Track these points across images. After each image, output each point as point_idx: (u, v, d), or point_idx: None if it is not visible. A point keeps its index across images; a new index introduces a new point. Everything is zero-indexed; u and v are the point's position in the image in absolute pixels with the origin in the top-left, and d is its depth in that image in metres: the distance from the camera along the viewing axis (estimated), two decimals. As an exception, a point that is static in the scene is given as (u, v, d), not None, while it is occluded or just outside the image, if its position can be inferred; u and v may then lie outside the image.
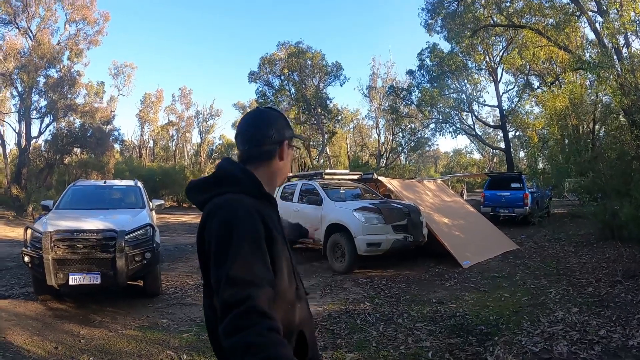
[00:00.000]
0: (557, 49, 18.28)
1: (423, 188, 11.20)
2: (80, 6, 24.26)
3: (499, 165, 42.40)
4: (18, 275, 7.75)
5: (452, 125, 27.15)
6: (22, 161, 23.30)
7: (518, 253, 9.24)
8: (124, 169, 28.48)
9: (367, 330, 4.78)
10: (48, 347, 4.47)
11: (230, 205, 1.22)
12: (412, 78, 28.23)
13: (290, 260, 1.33)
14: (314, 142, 36.52)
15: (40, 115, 24.31)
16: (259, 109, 1.48)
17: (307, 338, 1.32)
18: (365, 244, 7.63)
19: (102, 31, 25.63)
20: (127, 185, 8.39)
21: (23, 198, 20.47)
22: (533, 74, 23.62)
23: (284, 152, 1.41)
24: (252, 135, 1.39)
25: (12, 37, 22.81)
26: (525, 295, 5.92)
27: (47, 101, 24.12)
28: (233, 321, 1.02)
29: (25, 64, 22.23)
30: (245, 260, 1.12)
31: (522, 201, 13.96)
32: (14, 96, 24.86)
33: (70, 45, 24.70)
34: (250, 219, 1.19)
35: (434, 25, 23.70)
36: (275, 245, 1.23)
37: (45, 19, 23.79)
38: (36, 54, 22.38)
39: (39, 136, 25.17)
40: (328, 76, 32.75)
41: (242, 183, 1.29)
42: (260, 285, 1.09)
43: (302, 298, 1.39)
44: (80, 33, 25.09)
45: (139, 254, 5.79)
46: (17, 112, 24.03)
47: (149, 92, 45.31)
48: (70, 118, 25.58)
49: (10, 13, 22.45)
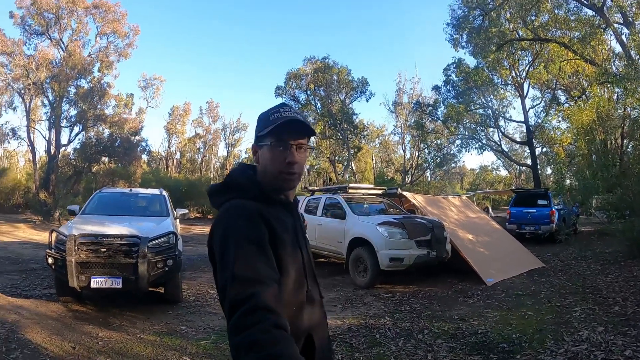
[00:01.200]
0: (583, 62, 17.97)
1: (447, 204, 11.02)
2: (111, 19, 25.02)
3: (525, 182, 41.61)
4: (42, 277, 7.92)
5: (478, 142, 26.78)
6: (50, 168, 23.95)
7: (543, 271, 8.97)
8: (150, 179, 28.91)
9: (386, 345, 4.68)
10: (66, 346, 4.53)
11: (231, 211, 1.25)
12: (438, 93, 28.01)
13: (302, 262, 1.33)
14: (339, 157, 36.43)
15: (70, 124, 25.05)
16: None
17: (316, 343, 1.30)
18: (387, 259, 7.51)
19: (132, 44, 26.35)
20: (152, 194, 8.51)
21: (50, 203, 20.98)
22: (560, 88, 23.17)
23: (257, 155, 1.39)
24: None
25: (44, 48, 23.76)
26: (549, 314, 5.72)
27: (77, 111, 24.87)
28: (239, 319, 1.02)
29: (56, 74, 22.99)
30: (249, 260, 1.13)
31: (549, 218, 13.58)
32: (44, 105, 25.83)
33: (101, 57, 25.43)
34: (250, 222, 1.20)
35: (459, 40, 23.60)
36: (281, 246, 1.24)
37: (77, 31, 24.67)
38: (67, 64, 23.10)
39: (68, 144, 25.93)
40: (354, 91, 32.76)
41: (245, 189, 1.32)
42: (265, 283, 1.09)
43: (314, 301, 1.37)
44: (110, 45, 25.86)
45: (161, 260, 5.83)
46: (48, 121, 24.87)
47: (177, 105, 46.20)
48: (100, 128, 26.24)
49: (43, 25, 23.35)
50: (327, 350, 1.44)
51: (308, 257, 1.40)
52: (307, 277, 1.35)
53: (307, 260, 1.38)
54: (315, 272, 1.46)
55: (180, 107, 45.80)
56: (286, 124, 1.31)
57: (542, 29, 18.85)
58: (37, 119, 27.19)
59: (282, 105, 1.40)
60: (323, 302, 1.46)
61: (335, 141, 34.17)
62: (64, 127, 24.82)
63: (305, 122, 1.36)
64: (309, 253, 1.44)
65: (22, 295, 6.65)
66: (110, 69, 26.04)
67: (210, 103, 47.73)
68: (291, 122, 1.32)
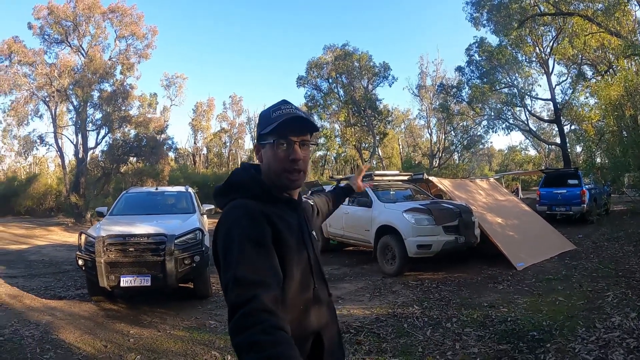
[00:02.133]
0: (608, 35, 17.25)
1: (475, 187, 10.79)
2: (128, 22, 25.31)
3: (555, 162, 40.58)
4: (74, 278, 8.15)
5: (505, 121, 26.25)
6: (80, 171, 24.53)
7: (575, 254, 8.74)
8: (178, 175, 29.30)
9: (414, 334, 4.63)
10: (98, 345, 4.65)
11: (233, 211, 1.25)
12: (461, 74, 27.44)
13: (309, 261, 1.32)
14: (365, 144, 36.18)
15: (96, 127, 25.53)
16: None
17: (325, 343, 1.28)
18: (415, 246, 7.43)
19: (151, 45, 26.56)
20: (178, 191, 8.61)
21: (82, 205, 21.54)
22: (586, 63, 22.33)
23: (260, 154, 1.39)
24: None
25: (65, 55, 24.18)
26: (581, 299, 5.56)
27: (102, 114, 25.31)
28: (239, 320, 1.03)
29: (79, 80, 23.44)
30: (251, 261, 1.13)
31: (579, 198, 13.22)
32: (69, 110, 26.36)
33: (122, 59, 25.78)
34: (253, 222, 1.20)
35: (479, 19, 23.05)
36: (285, 245, 1.23)
37: (96, 37, 25.04)
38: (89, 69, 23.53)
39: (96, 147, 26.43)
40: (376, 77, 32.27)
41: (247, 188, 1.33)
42: (266, 285, 1.09)
43: (322, 301, 1.36)
44: (130, 48, 26.14)
45: (188, 257, 5.91)
46: (74, 125, 25.41)
47: (201, 101, 46.66)
48: (125, 129, 26.62)
49: (62, 33, 23.80)
50: (338, 348, 1.42)
51: (315, 256, 1.38)
52: (314, 277, 1.33)
53: (314, 259, 1.36)
54: (324, 271, 1.44)
55: (204, 103, 46.30)
56: (289, 121, 1.29)
57: (564, 2, 18.20)
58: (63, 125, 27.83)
59: (283, 102, 1.38)
60: (332, 301, 1.45)
61: (360, 128, 33.80)
62: (90, 130, 25.34)
63: (307, 119, 1.34)
64: (316, 252, 1.42)
65: (56, 296, 6.85)
66: (131, 71, 26.35)
67: (234, 97, 48.09)
68: (294, 119, 1.30)
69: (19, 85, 23.28)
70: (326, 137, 34.67)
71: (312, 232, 1.46)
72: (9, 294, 6.99)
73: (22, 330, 5.10)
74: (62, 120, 26.94)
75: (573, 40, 19.25)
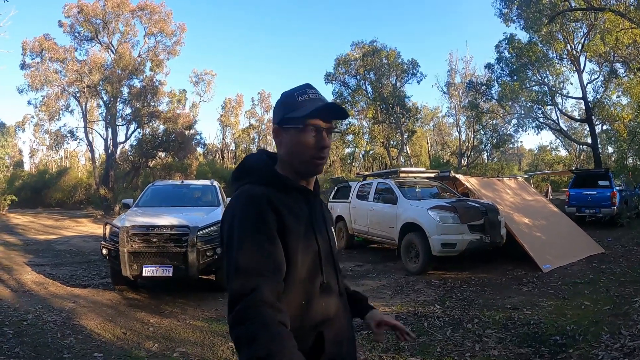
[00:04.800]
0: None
1: (503, 186, 10.53)
2: (157, 20, 25.80)
3: (586, 163, 39.41)
4: (100, 268, 8.36)
5: (535, 120, 25.55)
6: (109, 165, 25.16)
7: (603, 257, 8.44)
8: (206, 170, 29.75)
9: (434, 334, 4.55)
10: (117, 332, 4.74)
11: (239, 198, 1.24)
12: (491, 72, 26.70)
13: (318, 253, 1.27)
14: (393, 142, 35.87)
15: (125, 122, 26.17)
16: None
17: (326, 336, 1.24)
18: (439, 244, 7.31)
19: (180, 42, 27.06)
20: (203, 185, 8.73)
21: (110, 198, 22.08)
22: (618, 60, 21.53)
23: (280, 137, 1.33)
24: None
25: (95, 52, 24.99)
26: (607, 304, 5.34)
27: (131, 109, 25.94)
28: (239, 312, 1.03)
29: (108, 76, 24.07)
30: (253, 249, 1.11)
31: (610, 200, 12.76)
32: (100, 106, 27.16)
33: (151, 56, 26.32)
34: (256, 209, 1.17)
35: (509, 15, 22.50)
36: (290, 235, 1.19)
37: (125, 34, 25.67)
38: (118, 66, 24.12)
39: (126, 141, 27.13)
40: (404, 74, 31.80)
41: (257, 174, 1.30)
42: (268, 276, 1.09)
43: (331, 293, 1.31)
44: (159, 45, 26.70)
45: (210, 249, 5.98)
46: (104, 120, 26.10)
47: (229, 97, 47.50)
48: (154, 124, 27.23)
49: (92, 30, 24.50)
50: (349, 342, 1.37)
51: (327, 249, 1.33)
52: (323, 269, 1.28)
53: (325, 251, 1.32)
54: (338, 264, 1.41)
55: (232, 100, 47.04)
56: (322, 108, 1.26)
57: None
58: (93, 120, 28.63)
59: (307, 85, 1.34)
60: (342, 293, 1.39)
61: (388, 125, 33.38)
62: (119, 125, 25.99)
63: (340, 107, 1.32)
64: (331, 244, 1.38)
65: (80, 284, 7.04)
66: (160, 67, 26.86)
67: (262, 93, 48.57)
68: (327, 105, 1.28)
69: (50, 81, 24.06)
70: (354, 134, 34.47)
71: (328, 224, 1.42)
72: (35, 281, 7.21)
73: (45, 316, 5.24)
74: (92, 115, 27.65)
75: (605, 37, 18.59)
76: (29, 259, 9.26)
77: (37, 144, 45.45)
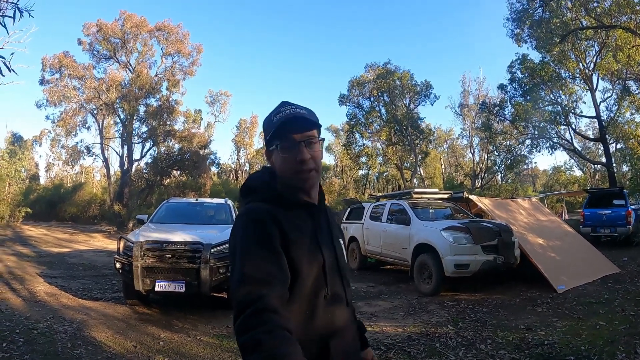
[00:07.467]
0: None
1: (516, 207, 10.47)
2: (174, 40, 26.34)
3: (601, 182, 38.85)
4: (112, 282, 8.43)
5: (549, 140, 25.35)
6: (124, 181, 25.46)
7: (619, 277, 8.31)
8: (220, 190, 29.97)
9: (446, 354, 4.50)
10: (128, 345, 4.78)
11: (243, 215, 1.27)
12: (504, 92, 26.62)
13: (323, 265, 1.28)
14: (407, 164, 35.80)
15: (141, 140, 26.54)
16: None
17: (332, 349, 1.25)
18: (453, 265, 7.25)
19: (197, 62, 27.57)
20: (217, 203, 8.81)
21: (124, 214, 22.28)
22: (631, 78, 21.40)
23: (271, 160, 1.37)
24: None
25: (113, 71, 25.57)
26: (623, 324, 5.26)
27: (147, 127, 26.32)
28: (245, 320, 1.05)
29: (126, 94, 24.54)
30: (257, 260, 1.14)
31: (625, 219, 12.55)
32: (116, 123, 27.65)
33: (167, 76, 26.80)
34: (259, 224, 1.21)
35: (521, 35, 22.48)
36: (294, 248, 1.22)
37: (143, 53, 26.25)
38: (136, 85, 24.57)
39: (141, 159, 27.48)
40: (418, 96, 31.85)
41: (260, 192, 1.33)
42: (273, 285, 1.11)
43: (336, 304, 1.32)
44: (176, 65, 27.24)
45: (223, 266, 5.99)
46: (120, 138, 26.50)
47: (244, 118, 47.64)
48: (170, 143, 27.55)
49: (111, 49, 25.10)
50: (354, 354, 1.39)
51: (332, 260, 1.35)
52: (328, 281, 1.29)
53: (332, 265, 1.33)
54: (346, 274, 1.41)
55: (247, 120, 47.23)
56: (287, 122, 1.27)
57: (605, 15, 17.61)
58: (110, 137, 29.10)
59: (283, 104, 1.36)
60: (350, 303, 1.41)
61: (401, 147, 33.32)
62: (135, 143, 26.38)
63: (305, 116, 1.31)
64: (338, 257, 1.39)
65: (92, 297, 7.10)
66: (177, 87, 27.30)
67: (277, 115, 48.74)
68: (292, 119, 1.28)
69: (69, 98, 24.61)
70: (368, 155, 34.50)
71: (334, 236, 1.43)
72: (48, 292, 7.29)
73: (56, 326, 5.29)
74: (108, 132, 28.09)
75: (617, 55, 18.55)
76: (41, 270, 9.37)
77: (53, 158, 46.27)
